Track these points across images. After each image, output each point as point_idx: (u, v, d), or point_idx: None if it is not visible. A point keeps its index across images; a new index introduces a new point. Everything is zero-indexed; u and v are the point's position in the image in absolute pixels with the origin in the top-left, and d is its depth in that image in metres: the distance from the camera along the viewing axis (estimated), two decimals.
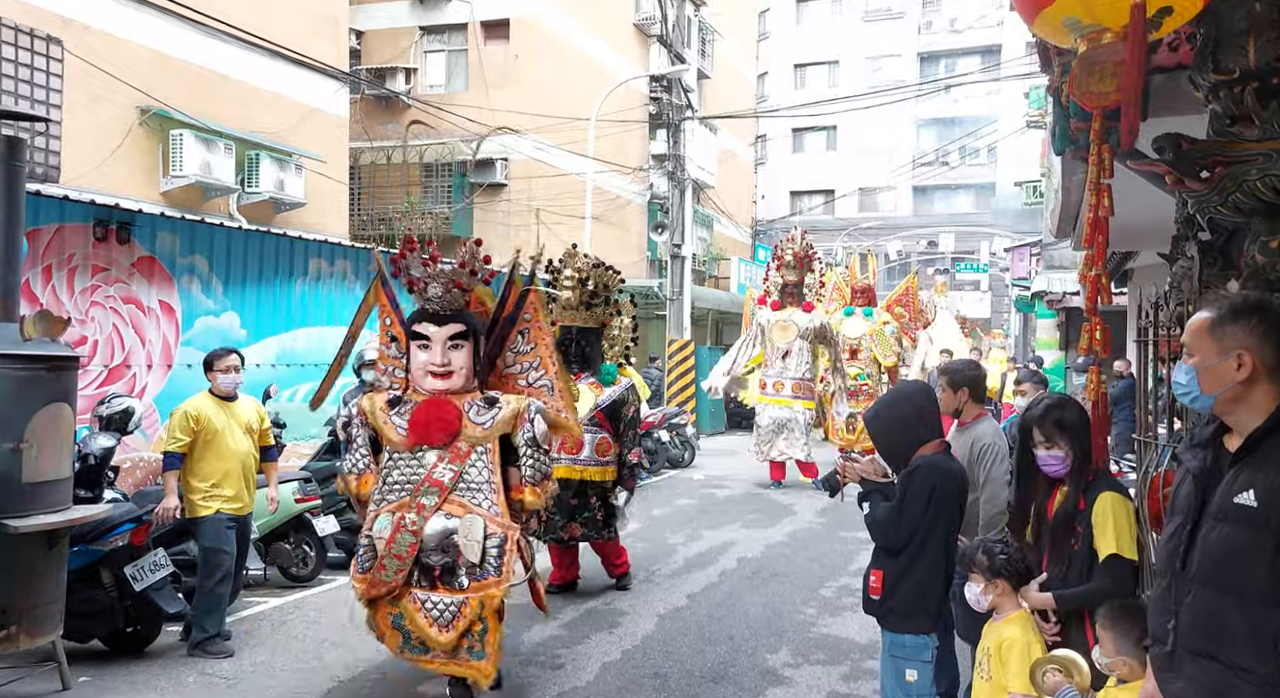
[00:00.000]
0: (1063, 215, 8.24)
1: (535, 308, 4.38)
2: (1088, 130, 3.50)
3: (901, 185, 36.31)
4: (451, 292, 4.16)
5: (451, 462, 3.98)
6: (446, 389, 4.12)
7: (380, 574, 3.95)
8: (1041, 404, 3.12)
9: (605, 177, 17.49)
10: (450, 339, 4.12)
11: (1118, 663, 2.57)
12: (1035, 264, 19.82)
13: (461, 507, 3.97)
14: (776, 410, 11.23)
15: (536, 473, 4.15)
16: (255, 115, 11.32)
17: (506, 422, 4.09)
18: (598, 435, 6.35)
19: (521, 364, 4.33)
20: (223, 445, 5.20)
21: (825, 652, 5.25)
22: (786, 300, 11.38)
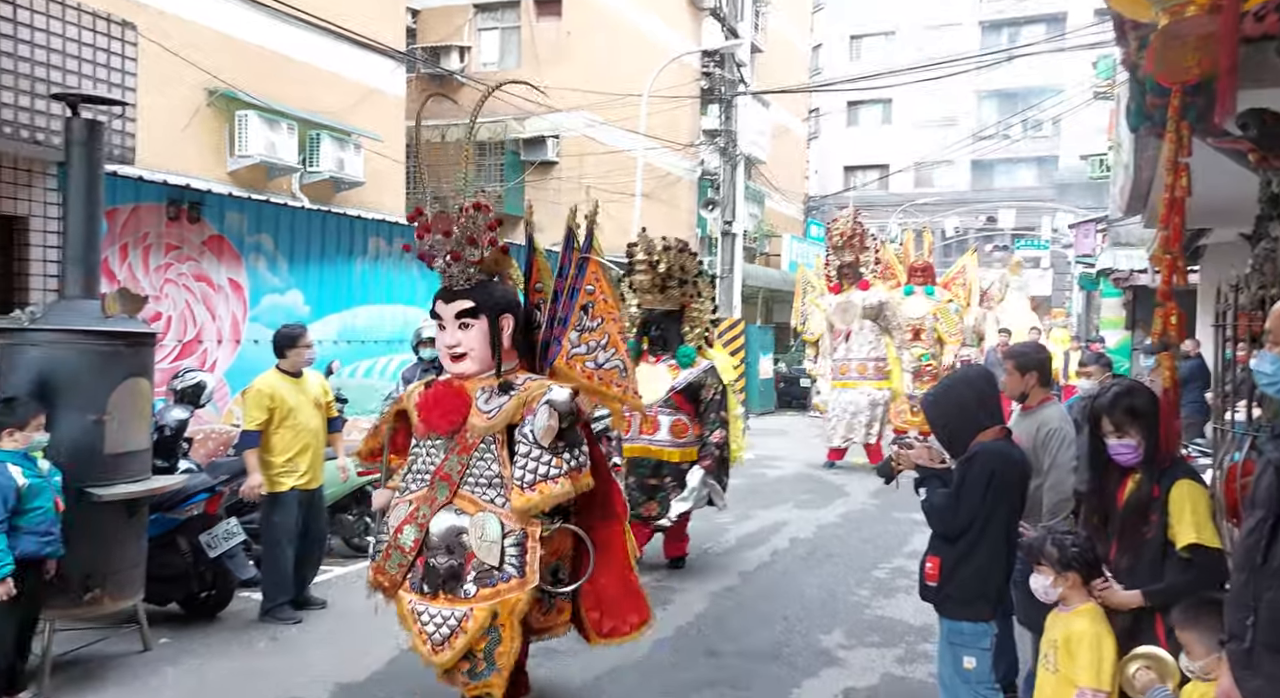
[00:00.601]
0: (1133, 192, 8.00)
1: (598, 278, 3.70)
2: (1165, 106, 3.39)
3: (960, 159, 35.46)
4: (456, 264, 3.56)
5: (460, 454, 3.50)
6: (461, 373, 3.58)
7: (385, 563, 3.61)
8: (1111, 392, 3.05)
9: (656, 153, 17.42)
10: (458, 317, 3.54)
11: (1211, 663, 2.47)
12: (1101, 241, 19.24)
13: (473, 503, 3.47)
14: (845, 394, 11.05)
15: (528, 474, 3.37)
16: (316, 95, 11.50)
17: (512, 411, 3.46)
18: (674, 417, 6.35)
19: (588, 344, 3.64)
20: (297, 421, 5.34)
21: (880, 634, 5.25)
22: (844, 281, 11.25)
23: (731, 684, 4.47)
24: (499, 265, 3.69)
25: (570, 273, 3.68)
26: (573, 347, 3.61)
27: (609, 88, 15.88)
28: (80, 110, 4.72)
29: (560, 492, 3.39)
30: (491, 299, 3.58)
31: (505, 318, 3.59)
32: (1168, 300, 3.11)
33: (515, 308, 3.67)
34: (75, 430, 4.27)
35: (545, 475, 3.38)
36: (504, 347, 3.57)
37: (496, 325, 3.56)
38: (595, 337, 3.64)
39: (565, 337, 3.61)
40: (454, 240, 3.52)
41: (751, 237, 21.45)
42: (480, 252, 3.54)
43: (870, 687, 4.50)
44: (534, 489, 3.37)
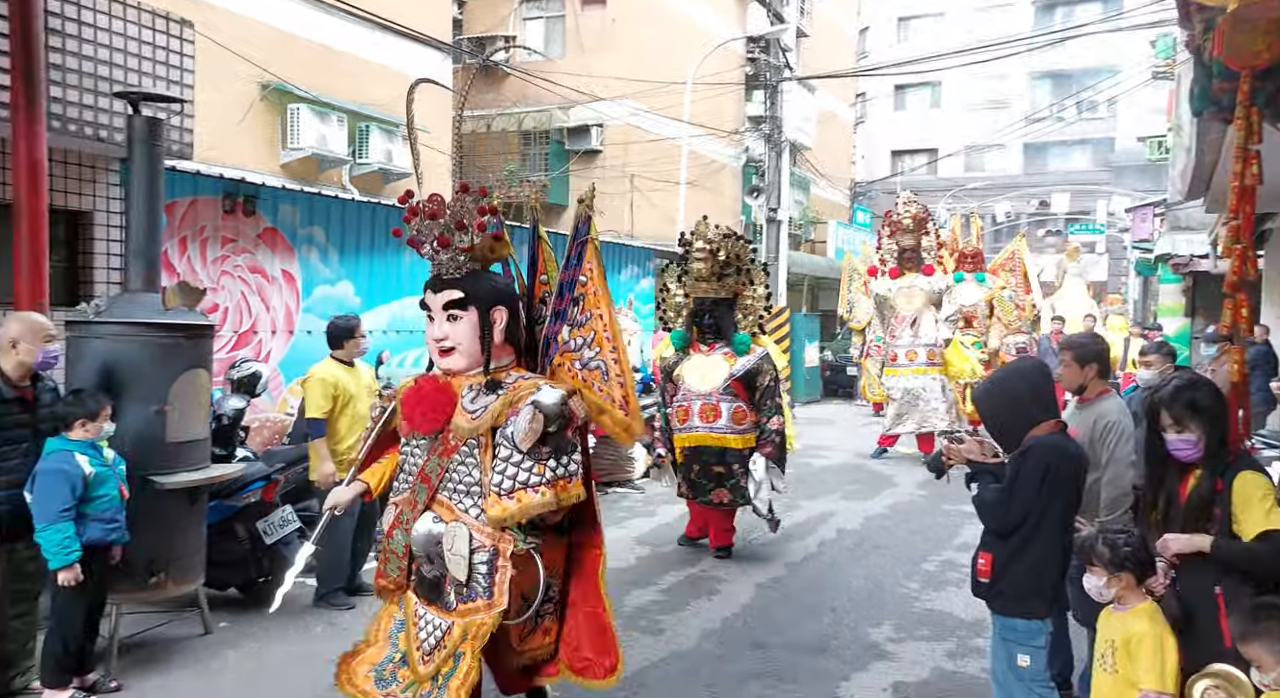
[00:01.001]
0: (1195, 175, 7.76)
1: (592, 267, 3.32)
2: (1232, 91, 3.28)
3: (1011, 143, 34.68)
4: (444, 251, 3.19)
5: (441, 456, 3.17)
6: (449, 369, 3.24)
7: (385, 567, 3.35)
8: (1171, 385, 2.97)
9: (700, 141, 17.32)
10: (446, 308, 3.19)
11: None
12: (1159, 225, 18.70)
13: (449, 510, 3.15)
14: (910, 381, 10.73)
15: (507, 481, 2.97)
16: (365, 88, 11.64)
17: (498, 412, 3.07)
18: (734, 404, 6.43)
19: (577, 340, 3.28)
20: (356, 409, 5.42)
21: (930, 628, 5.20)
22: (905, 266, 10.96)
23: (778, 677, 4.47)
24: (495, 253, 3.31)
25: (573, 263, 3.34)
26: (565, 343, 3.29)
27: (653, 76, 15.83)
28: (141, 108, 4.84)
29: (540, 502, 2.96)
30: (482, 290, 3.20)
31: (497, 310, 3.20)
32: (1237, 292, 3.01)
33: (510, 300, 3.28)
34: (138, 420, 4.40)
35: (525, 483, 2.96)
36: (495, 342, 3.21)
37: (487, 318, 3.18)
38: (583, 333, 3.27)
39: (560, 333, 3.30)
40: (442, 225, 3.15)
41: (797, 224, 21.25)
42: (470, 237, 3.14)
43: (921, 681, 4.46)
44: (512, 498, 2.96)
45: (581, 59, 16.75)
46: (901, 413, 10.84)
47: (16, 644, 4.08)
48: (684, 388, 6.54)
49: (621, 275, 13.79)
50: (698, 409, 6.44)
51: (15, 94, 4.65)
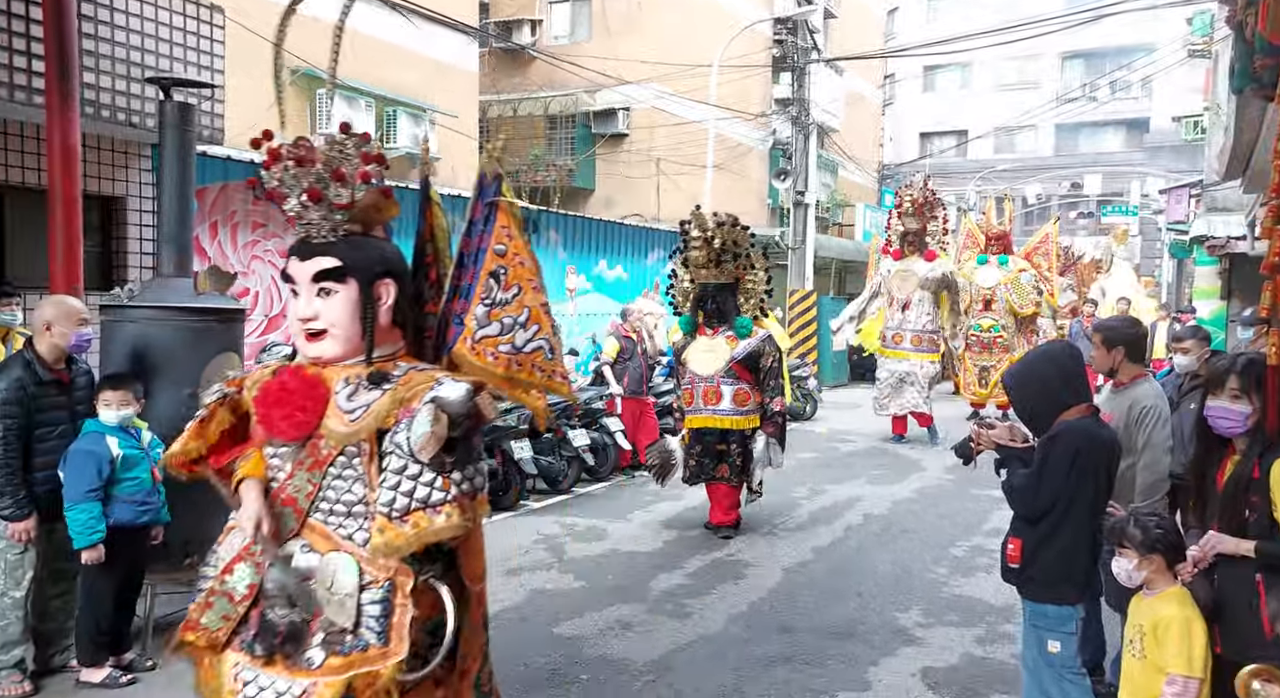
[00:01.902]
0: (1233, 155, 7.61)
1: (510, 235, 2.69)
2: (1275, 67, 3.20)
3: (1043, 124, 34.09)
4: (315, 207, 2.51)
5: (312, 469, 2.48)
6: (319, 357, 2.54)
7: (203, 615, 2.53)
8: (1246, 357, 2.93)
9: (727, 124, 17.20)
10: (316, 280, 2.50)
11: None
12: (1194, 206, 18.33)
13: (324, 538, 2.45)
14: (895, 363, 10.90)
15: (400, 499, 2.34)
16: (392, 73, 11.67)
17: (384, 412, 2.41)
18: (736, 386, 6.61)
19: (501, 321, 2.63)
20: None
21: (958, 613, 5.17)
22: (907, 249, 11.00)
23: (805, 661, 4.47)
24: (380, 213, 2.65)
25: (479, 230, 2.70)
26: (480, 326, 2.62)
27: (680, 58, 15.72)
28: (173, 93, 4.88)
29: (443, 525, 2.33)
30: (365, 258, 2.53)
31: (384, 284, 2.55)
32: (1277, 273, 2.94)
33: (399, 272, 2.62)
34: (171, 404, 4.45)
35: (424, 502, 2.33)
36: (381, 324, 2.55)
37: (371, 294, 2.52)
38: (511, 311, 2.64)
39: (469, 313, 2.63)
40: (313, 174, 2.49)
41: (824, 207, 21.05)
42: (350, 191, 2.49)
43: (949, 667, 4.44)
44: (406, 521, 2.32)
45: (608, 42, 16.68)
46: (887, 395, 10.97)
47: (55, 623, 4.17)
48: (689, 372, 6.77)
49: (648, 259, 13.76)
50: (701, 392, 6.65)
51: (49, 80, 4.71)
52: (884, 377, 11.03)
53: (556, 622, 4.96)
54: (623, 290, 12.81)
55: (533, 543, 6.53)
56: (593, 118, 17.35)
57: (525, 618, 5.02)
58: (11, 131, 5.94)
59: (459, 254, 2.74)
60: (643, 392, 8.94)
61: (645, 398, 9.00)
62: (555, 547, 6.45)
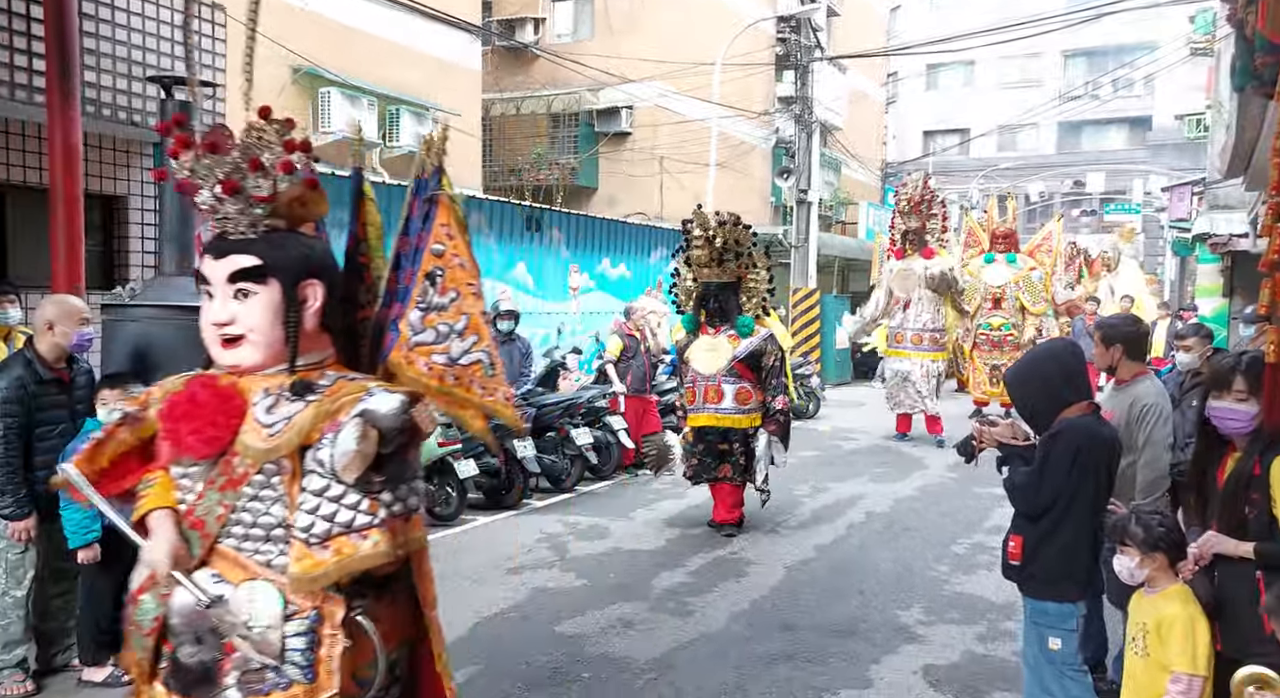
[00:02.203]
0: (1235, 153, 7.60)
1: (450, 234, 2.42)
2: (1275, 65, 3.20)
3: (1045, 122, 34.05)
4: (232, 200, 2.22)
5: (225, 489, 2.21)
6: (237, 366, 2.25)
7: (129, 643, 2.33)
8: (1248, 356, 2.91)
9: (730, 122, 17.19)
10: (234, 280, 2.21)
11: None
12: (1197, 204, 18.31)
13: (238, 566, 2.18)
14: (897, 363, 10.89)
15: (320, 523, 2.07)
16: (394, 71, 11.68)
17: (307, 426, 2.15)
18: (738, 385, 6.62)
19: (436, 328, 2.36)
20: None
21: (960, 611, 5.17)
22: (908, 248, 10.98)
23: (807, 659, 4.47)
24: (306, 208, 2.35)
25: (417, 228, 2.45)
26: (414, 333, 2.35)
27: (683, 57, 15.71)
28: (174, 92, 4.88)
29: (370, 552, 2.07)
30: (289, 257, 2.25)
31: (310, 285, 2.25)
32: (1276, 271, 2.93)
33: (328, 272, 2.34)
34: None
35: (348, 526, 2.07)
36: (306, 329, 2.27)
37: (295, 296, 2.24)
38: (447, 318, 2.37)
39: (404, 318, 2.36)
40: (230, 162, 2.22)
41: (827, 205, 21.03)
42: (271, 183, 2.22)
43: (951, 664, 4.44)
44: (326, 547, 2.06)
45: (610, 40, 16.67)
46: (891, 395, 10.97)
47: (57, 623, 4.18)
48: (691, 370, 6.77)
49: (651, 258, 13.76)
50: (703, 391, 6.67)
51: (50, 79, 4.71)
52: (889, 376, 11.07)
53: (558, 620, 4.96)
54: (626, 289, 12.81)
55: (535, 542, 6.53)
56: (596, 116, 17.34)
57: (527, 616, 5.03)
58: (13, 131, 5.95)
59: (395, 254, 2.48)
60: (646, 390, 8.95)
61: (648, 396, 9.00)
62: (558, 545, 6.46)
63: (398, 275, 2.45)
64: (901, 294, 10.90)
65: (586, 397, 8.41)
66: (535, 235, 11.24)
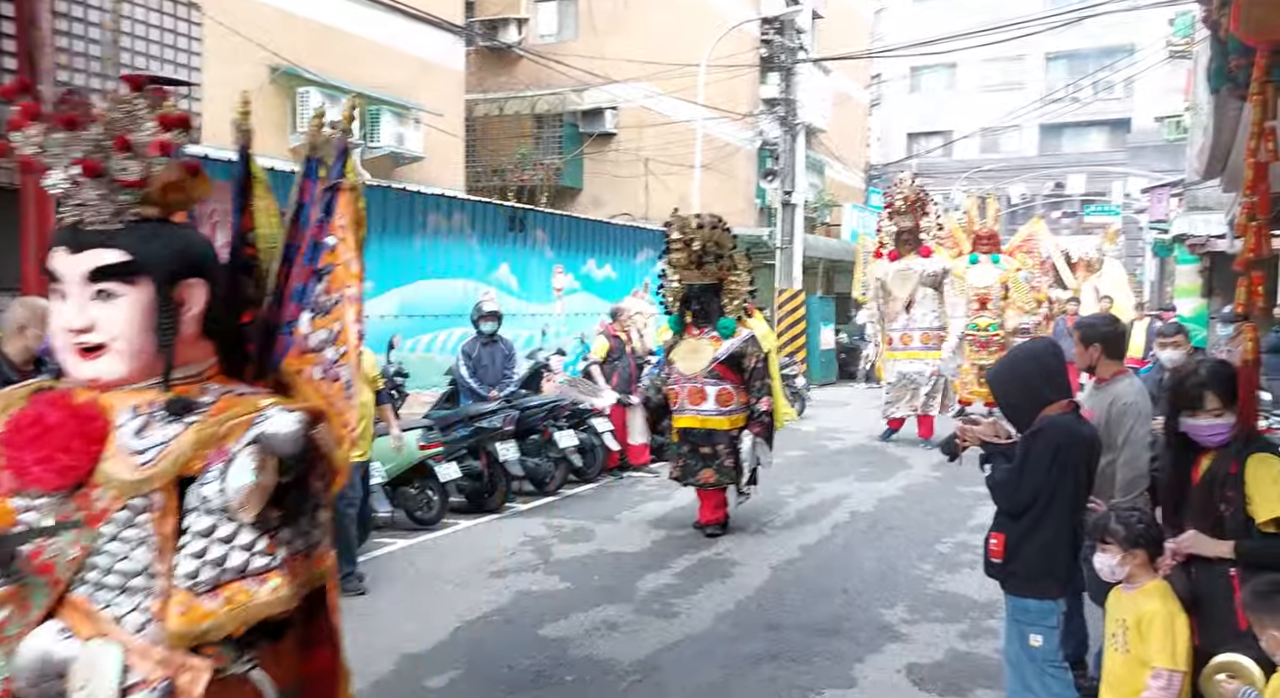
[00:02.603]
0: (1212, 154, 7.66)
1: (344, 226, 2.10)
2: (1249, 67, 3.21)
3: (1027, 124, 34.32)
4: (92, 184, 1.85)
5: (80, 528, 1.83)
6: (97, 379, 1.86)
7: None
8: (1207, 369, 2.90)
9: (715, 124, 17.21)
10: (94, 280, 1.83)
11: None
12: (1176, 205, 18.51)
13: (87, 619, 1.79)
14: (907, 364, 10.63)
15: (208, 568, 1.73)
16: (375, 71, 11.62)
17: (187, 453, 1.78)
18: (719, 386, 6.65)
19: (320, 335, 2.07)
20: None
21: (943, 609, 5.18)
22: (904, 248, 10.86)
23: (792, 658, 4.46)
24: (184, 193, 1.95)
25: (312, 216, 2.12)
26: (305, 338, 2.06)
27: (667, 58, 15.72)
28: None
29: (268, 599, 1.73)
30: (164, 252, 1.87)
31: (189, 286, 1.87)
32: (1251, 270, 2.96)
33: (210, 268, 1.95)
34: None
35: (241, 570, 1.73)
36: (185, 335, 1.88)
37: (169, 298, 1.85)
38: (328, 324, 2.06)
39: (298, 322, 2.07)
40: (89, 140, 1.84)
41: (812, 207, 21.10)
42: (142, 165, 1.84)
43: (934, 662, 4.44)
44: (216, 596, 1.72)
45: (595, 41, 16.66)
46: (898, 398, 10.75)
47: None
48: (675, 372, 6.81)
49: (637, 259, 13.75)
50: (686, 392, 6.71)
51: (20, 77, 4.65)
52: (894, 379, 10.76)
53: (542, 623, 4.93)
54: (611, 290, 12.79)
55: (519, 545, 6.50)
56: (580, 117, 17.32)
57: (510, 620, 5.00)
58: None
59: (285, 246, 2.12)
60: (631, 392, 8.93)
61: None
62: (541, 548, 6.43)
63: (288, 270, 2.10)
64: (902, 295, 10.72)
65: (570, 400, 8.38)
66: (519, 236, 11.21)
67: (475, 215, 10.42)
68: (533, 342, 10.84)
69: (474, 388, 7.67)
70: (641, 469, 9.03)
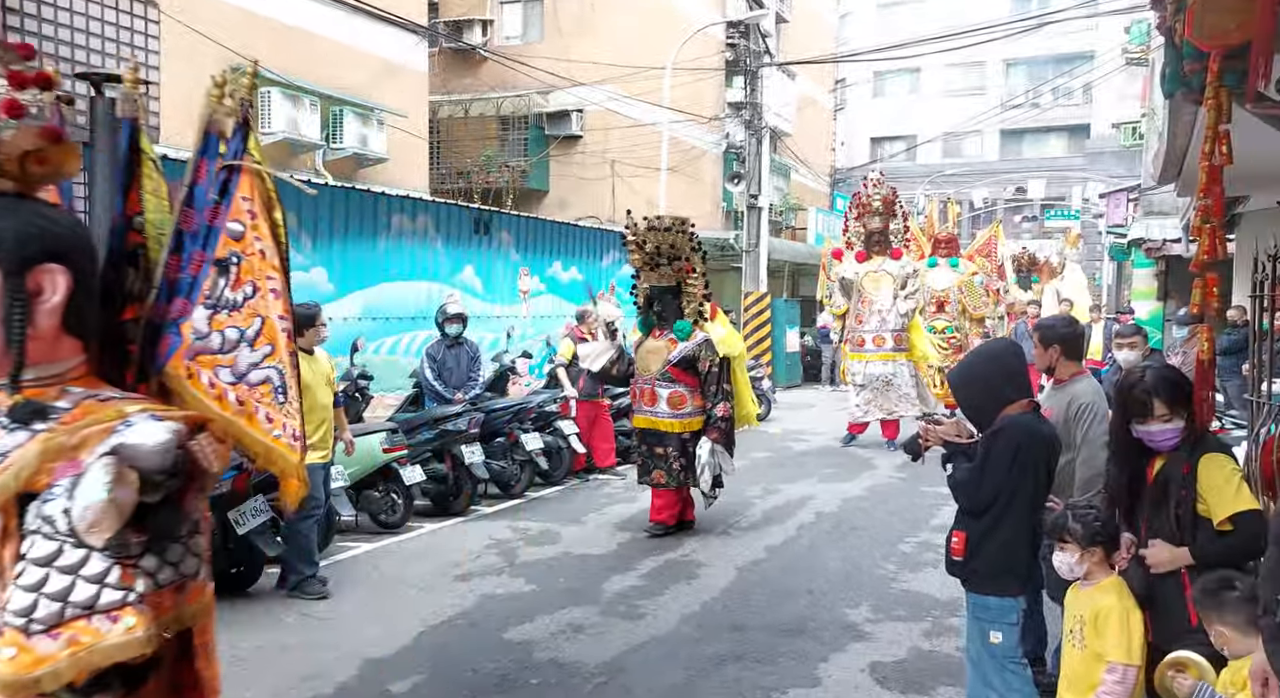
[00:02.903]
0: (1167, 159, 7.82)
1: (253, 210, 1.90)
2: (1203, 72, 3.28)
3: (988, 129, 34.85)
4: None
5: None
6: None
7: None
8: (1153, 374, 2.93)
9: (681, 126, 17.26)
10: None
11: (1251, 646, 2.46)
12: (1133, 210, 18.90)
13: None
14: (880, 366, 10.58)
15: (46, 604, 1.36)
16: (339, 72, 11.50)
17: (31, 467, 1.46)
18: (671, 388, 6.72)
19: (225, 334, 1.84)
20: (313, 398, 5.41)
21: (906, 608, 5.23)
22: (873, 249, 10.79)
23: (757, 659, 4.48)
24: (47, 166, 1.68)
25: (208, 199, 1.88)
26: (197, 337, 1.82)
27: (633, 61, 15.74)
28: (104, 89, 4.72)
29: (120, 640, 1.41)
30: (15, 233, 1.59)
31: (45, 272, 1.58)
32: (1206, 271, 3.02)
33: (76, 254, 1.65)
34: None
35: (88, 606, 1.41)
36: (41, 330, 1.60)
37: (20, 286, 1.58)
38: (239, 321, 1.86)
39: (189, 318, 1.84)
40: None
41: (777, 210, 21.24)
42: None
43: (897, 660, 4.48)
44: (56, 636, 1.40)
45: (560, 43, 16.64)
46: (870, 400, 10.64)
47: None
48: (636, 372, 6.97)
49: (603, 261, 13.73)
50: (641, 393, 6.86)
51: None
52: (863, 381, 10.62)
53: (506, 627, 4.91)
54: (577, 292, 12.76)
55: (484, 548, 6.46)
56: (546, 119, 17.28)
57: (475, 624, 4.96)
58: None
59: (176, 233, 1.88)
60: (597, 394, 8.91)
61: (600, 400, 8.97)
62: (507, 551, 6.39)
63: (181, 260, 1.87)
64: (874, 296, 10.62)
65: (537, 401, 8.35)
66: (484, 238, 11.14)
67: (440, 217, 10.35)
68: (498, 344, 10.78)
69: (439, 391, 7.62)
70: (607, 471, 9.03)
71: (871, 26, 36.27)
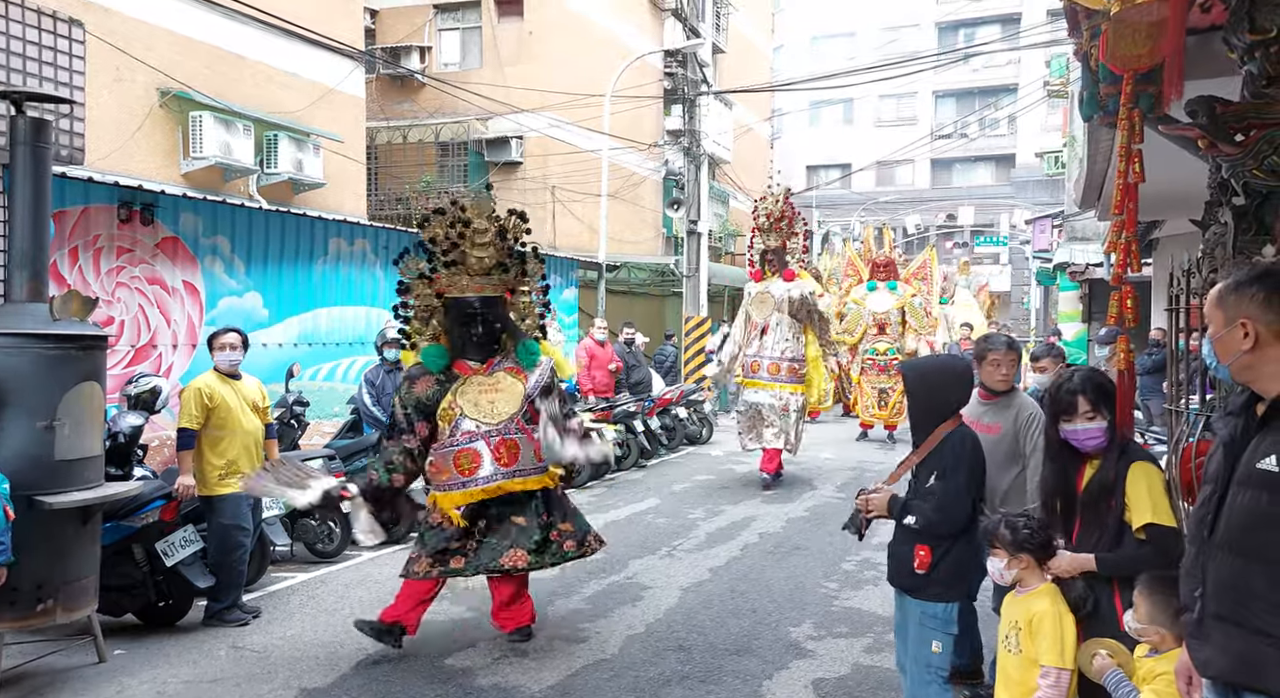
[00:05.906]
0: (1087, 184, 8.16)
1: None
2: (1117, 95, 3.45)
3: (920, 158, 35.95)
4: None
5: None
6: None
7: None
8: (1079, 375, 3.05)
9: (621, 153, 17.42)
10: None
11: (1149, 630, 2.59)
12: (1057, 236, 19.65)
13: None
14: (752, 394, 9.45)
15: None
16: (273, 96, 11.34)
17: None
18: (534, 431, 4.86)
19: None
20: (236, 423, 5.30)
21: (848, 625, 5.27)
22: (768, 269, 9.59)
23: (701, 679, 4.46)
24: None
25: None
26: None
27: (572, 88, 15.85)
28: (25, 108, 4.59)
29: None
30: None
31: None
32: (1122, 284, 3.16)
33: None
34: (24, 437, 4.15)
35: None
36: None
37: None
38: None
39: None
40: None
41: (717, 236, 21.51)
42: None
43: (839, 677, 4.51)
44: None
45: (499, 71, 16.68)
46: (748, 428, 9.56)
47: None
48: (460, 428, 4.81)
49: None
50: (492, 449, 4.77)
51: None
52: (742, 408, 9.60)
53: (448, 653, 4.81)
54: None
55: None
56: (485, 145, 17.26)
57: (414, 651, 4.85)
58: None
59: None
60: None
61: None
62: None
63: None
64: (759, 318, 9.53)
65: None
66: None
67: (378, 242, 10.23)
68: None
69: (377, 416, 7.48)
70: None
71: (805, 58, 37.24)
